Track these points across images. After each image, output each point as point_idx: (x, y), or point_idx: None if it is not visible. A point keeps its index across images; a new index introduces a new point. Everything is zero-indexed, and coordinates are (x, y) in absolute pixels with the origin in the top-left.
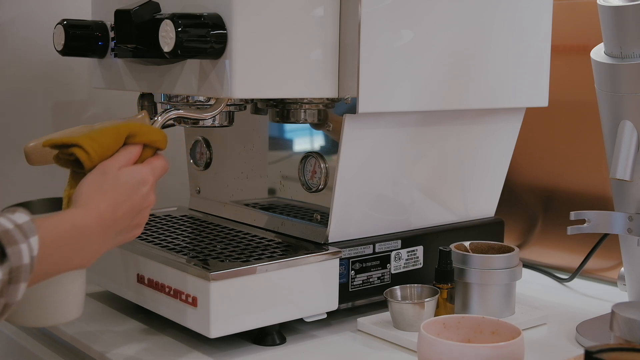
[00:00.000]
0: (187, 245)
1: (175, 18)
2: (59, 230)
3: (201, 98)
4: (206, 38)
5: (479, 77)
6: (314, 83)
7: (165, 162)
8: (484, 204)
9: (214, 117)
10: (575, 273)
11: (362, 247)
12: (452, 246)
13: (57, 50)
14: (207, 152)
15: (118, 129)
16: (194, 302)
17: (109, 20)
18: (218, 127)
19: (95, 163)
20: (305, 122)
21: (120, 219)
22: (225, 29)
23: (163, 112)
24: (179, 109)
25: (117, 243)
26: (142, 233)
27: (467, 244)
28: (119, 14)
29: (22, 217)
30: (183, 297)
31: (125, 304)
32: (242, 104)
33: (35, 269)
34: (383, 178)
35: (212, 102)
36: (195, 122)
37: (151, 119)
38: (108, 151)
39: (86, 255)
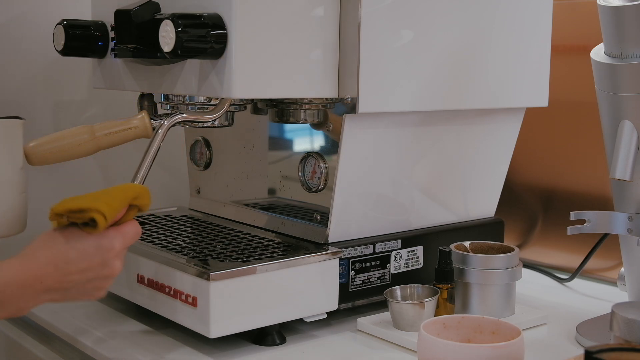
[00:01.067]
0: (187, 245)
1: (175, 18)
2: None
3: (201, 98)
4: (206, 38)
5: (479, 77)
6: (314, 83)
7: (138, 229)
8: (484, 204)
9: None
10: (575, 273)
11: (362, 247)
12: (452, 246)
13: (57, 50)
14: (207, 152)
15: (126, 194)
16: (193, 302)
17: (109, 20)
18: (218, 127)
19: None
20: (305, 122)
21: (66, 277)
22: (225, 29)
23: (168, 116)
24: (182, 113)
25: (67, 299)
26: (142, 233)
27: (467, 244)
28: (119, 14)
29: None
30: (183, 297)
31: (125, 304)
32: (242, 104)
33: None
34: (383, 178)
35: (213, 102)
36: (196, 122)
37: (151, 119)
38: (117, 214)
39: (19, 304)
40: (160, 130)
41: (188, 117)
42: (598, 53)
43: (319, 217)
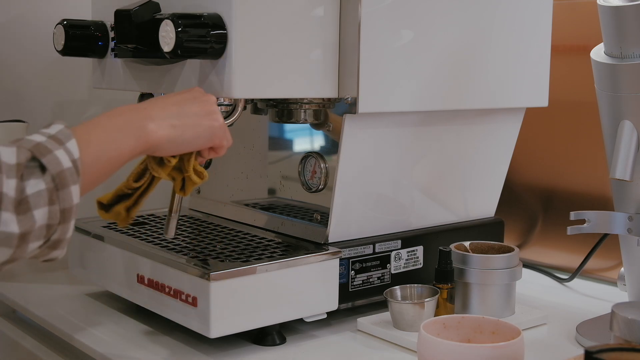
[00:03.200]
0: (187, 245)
1: (175, 18)
2: (92, 120)
3: None
4: (206, 38)
5: (478, 77)
6: (314, 83)
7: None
8: (484, 204)
9: None
10: (575, 273)
11: (362, 247)
12: (452, 246)
13: (57, 50)
14: None
15: None
16: (194, 302)
17: (109, 20)
18: None
19: None
20: (305, 122)
21: (167, 107)
22: (225, 29)
23: None
24: None
25: (185, 133)
26: (141, 233)
27: (467, 244)
28: (119, 14)
29: (55, 127)
30: (183, 297)
31: (125, 304)
32: None
33: (87, 164)
34: (383, 178)
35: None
36: None
37: None
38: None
39: (138, 123)
40: None
41: None
42: (598, 53)
43: (319, 217)
